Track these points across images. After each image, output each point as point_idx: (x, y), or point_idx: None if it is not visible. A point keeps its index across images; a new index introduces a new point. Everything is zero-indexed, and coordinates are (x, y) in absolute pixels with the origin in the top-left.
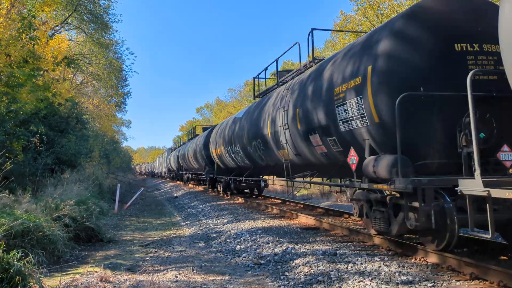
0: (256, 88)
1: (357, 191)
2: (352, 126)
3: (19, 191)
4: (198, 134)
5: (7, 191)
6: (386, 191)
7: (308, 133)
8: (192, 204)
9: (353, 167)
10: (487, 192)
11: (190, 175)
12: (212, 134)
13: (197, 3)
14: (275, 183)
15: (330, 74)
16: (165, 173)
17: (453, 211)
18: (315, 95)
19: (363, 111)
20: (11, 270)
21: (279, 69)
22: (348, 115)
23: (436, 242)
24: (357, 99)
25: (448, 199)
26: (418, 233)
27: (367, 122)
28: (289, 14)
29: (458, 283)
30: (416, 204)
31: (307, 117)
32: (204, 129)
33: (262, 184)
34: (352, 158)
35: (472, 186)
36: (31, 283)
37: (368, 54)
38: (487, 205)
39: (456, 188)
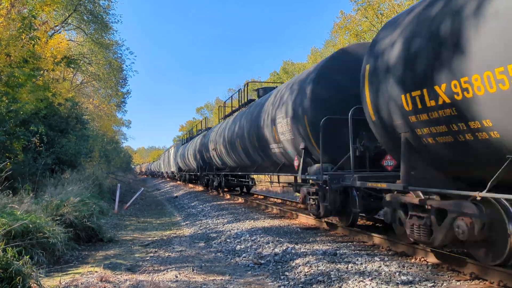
0: None
1: None
2: None
3: (22, 191)
4: (253, 100)
5: (8, 191)
6: None
7: None
8: (192, 204)
9: None
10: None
11: (225, 179)
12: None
13: (198, 3)
14: None
15: None
16: (172, 173)
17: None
18: None
19: None
20: (11, 270)
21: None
22: None
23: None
24: None
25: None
26: None
27: None
28: (289, 15)
29: (458, 283)
30: None
31: None
32: (265, 90)
33: None
34: None
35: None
36: (31, 283)
37: None
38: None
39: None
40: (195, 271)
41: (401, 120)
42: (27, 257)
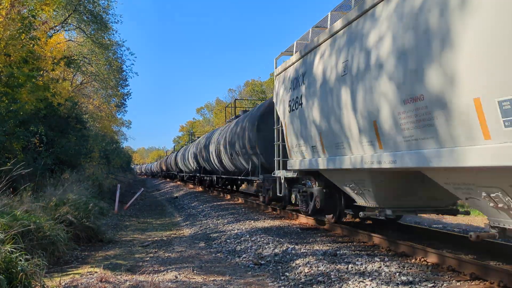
0: None
1: None
2: None
3: (22, 191)
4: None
5: (8, 191)
6: None
7: None
8: (193, 204)
9: None
10: None
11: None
12: None
13: (197, 4)
14: None
15: None
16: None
17: None
18: None
19: None
20: (15, 270)
21: None
22: None
23: None
24: None
25: None
26: None
27: None
28: (289, 15)
29: (458, 283)
30: None
31: None
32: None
33: None
34: None
35: None
36: (33, 284)
37: None
38: None
39: None
40: (195, 271)
41: None
42: (35, 259)
